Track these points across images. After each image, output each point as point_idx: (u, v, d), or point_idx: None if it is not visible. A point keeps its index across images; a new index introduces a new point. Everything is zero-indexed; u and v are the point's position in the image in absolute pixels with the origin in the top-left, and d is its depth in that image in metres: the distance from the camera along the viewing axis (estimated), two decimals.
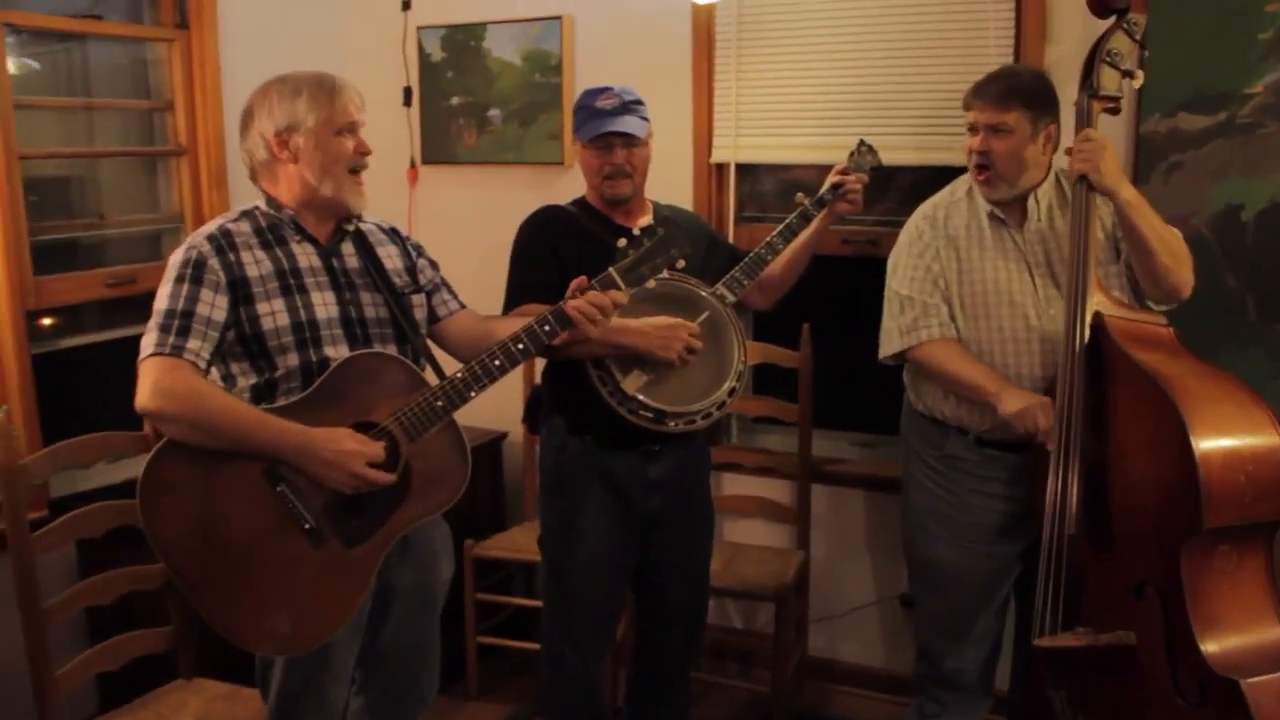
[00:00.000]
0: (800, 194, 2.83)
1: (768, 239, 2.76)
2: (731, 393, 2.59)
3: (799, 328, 3.43)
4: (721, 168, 3.63)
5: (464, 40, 3.90)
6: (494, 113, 3.90)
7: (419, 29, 3.96)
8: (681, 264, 2.34)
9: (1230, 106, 2.88)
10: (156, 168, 3.60)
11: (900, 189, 3.44)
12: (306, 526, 2.08)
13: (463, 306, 2.48)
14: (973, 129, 2.60)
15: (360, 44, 4.06)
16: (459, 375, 2.19)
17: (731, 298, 2.69)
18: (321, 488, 2.08)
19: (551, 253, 2.66)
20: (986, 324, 2.61)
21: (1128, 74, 2.44)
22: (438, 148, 4.02)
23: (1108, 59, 2.43)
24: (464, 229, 3.93)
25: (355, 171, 2.24)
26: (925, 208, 2.76)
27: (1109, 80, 2.44)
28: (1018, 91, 2.54)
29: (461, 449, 2.23)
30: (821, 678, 3.71)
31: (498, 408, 2.94)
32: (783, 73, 3.47)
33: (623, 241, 2.31)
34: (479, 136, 3.94)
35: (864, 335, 2.86)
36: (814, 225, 2.81)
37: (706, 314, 2.60)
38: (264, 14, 3.68)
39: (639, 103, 2.70)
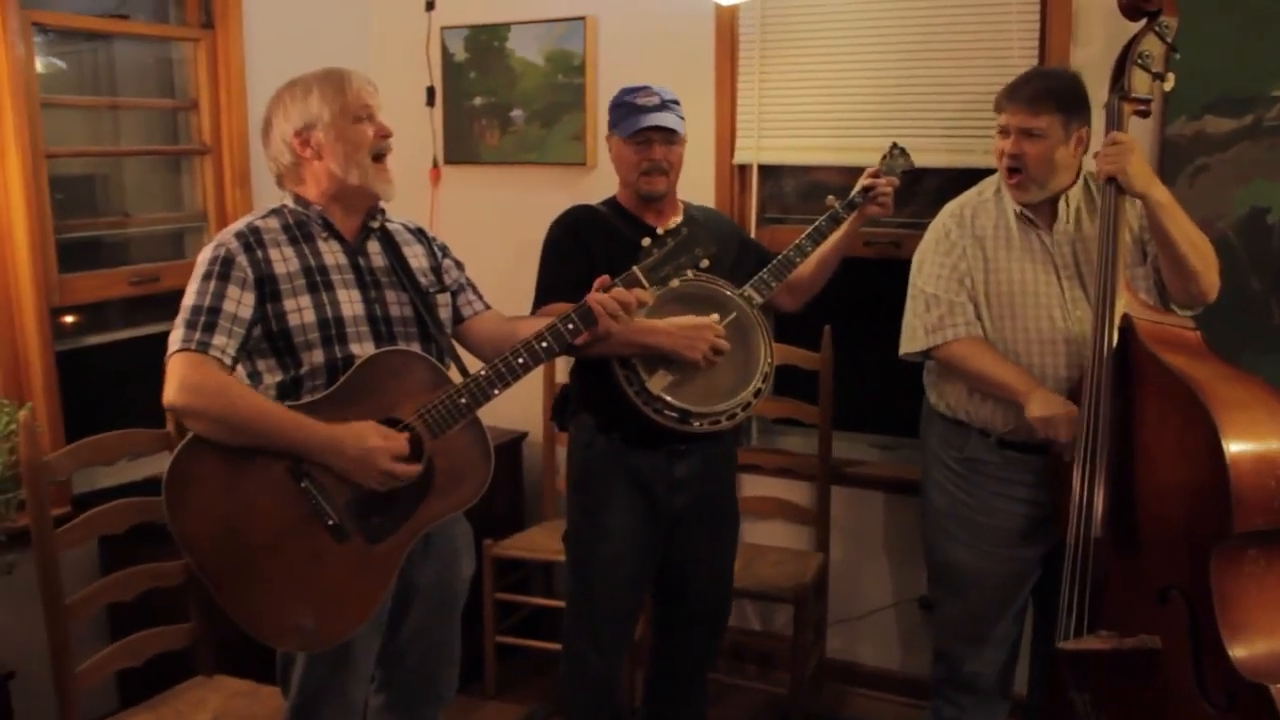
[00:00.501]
0: (830, 196, 2.82)
1: (796, 241, 2.76)
2: (757, 394, 2.59)
3: (820, 329, 3.42)
4: (744, 169, 3.63)
5: (487, 41, 3.90)
6: (517, 113, 3.90)
7: (443, 29, 3.97)
8: (706, 263, 2.34)
9: (1256, 109, 2.86)
10: (180, 166, 3.63)
11: (923, 191, 3.43)
12: (330, 523, 2.09)
13: (488, 307, 2.49)
14: (1004, 132, 2.59)
15: (384, 44, 4.07)
16: (483, 373, 2.19)
17: (759, 299, 2.68)
18: (345, 484, 2.09)
19: (582, 252, 2.66)
20: (1012, 324, 2.60)
21: (1159, 76, 2.43)
22: (460, 148, 4.03)
23: (1140, 61, 2.42)
24: (486, 229, 3.93)
25: (380, 158, 2.24)
26: (952, 206, 2.75)
27: (1140, 83, 2.42)
28: (1051, 94, 2.53)
29: (485, 446, 2.24)
30: (840, 680, 3.70)
31: (518, 408, 2.94)
32: (805, 74, 3.46)
33: (647, 240, 2.32)
34: (501, 137, 3.95)
35: (885, 337, 2.85)
36: (844, 228, 2.80)
37: (734, 315, 2.60)
38: (288, 13, 3.69)
39: (676, 102, 2.71)
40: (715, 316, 2.55)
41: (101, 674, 2.51)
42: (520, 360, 2.21)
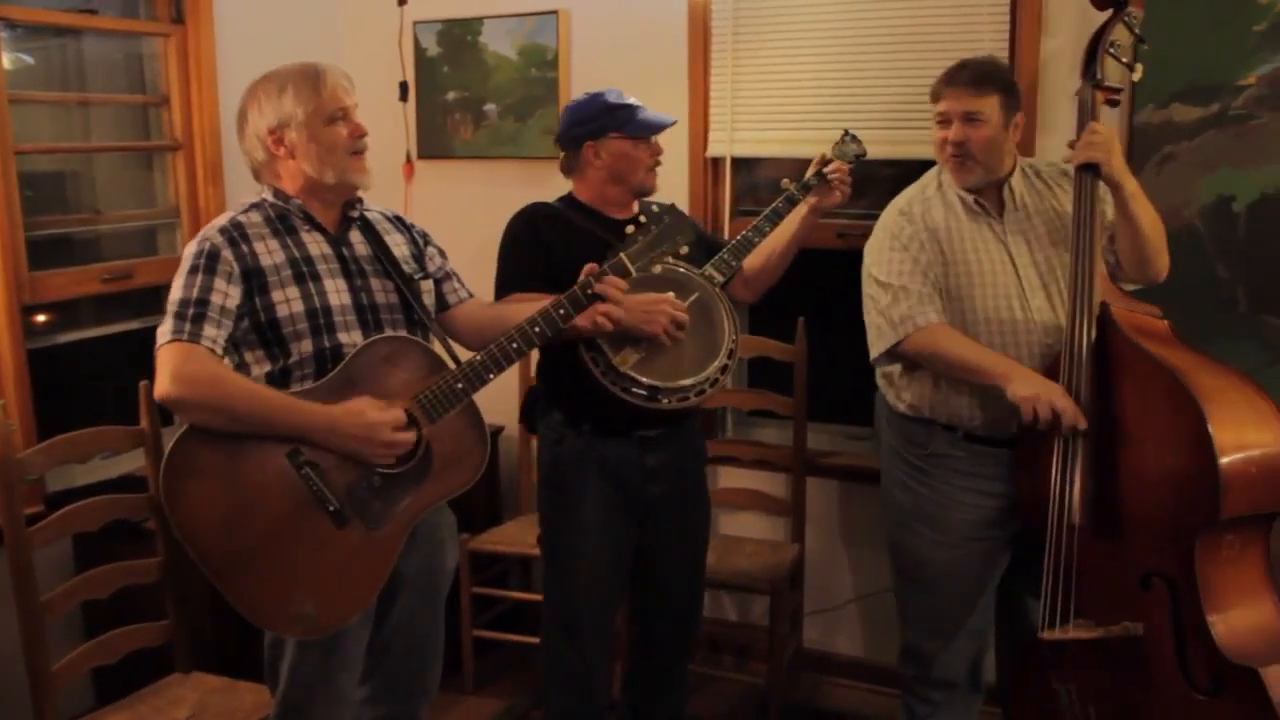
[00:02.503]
0: (786, 180, 2.84)
1: (754, 223, 2.78)
2: (724, 369, 2.60)
3: (794, 321, 3.44)
4: (717, 161, 3.63)
5: (460, 35, 3.90)
6: (490, 107, 3.90)
7: (415, 23, 3.96)
8: (685, 250, 2.38)
9: (1223, 98, 2.89)
10: (152, 162, 3.61)
11: (896, 182, 3.43)
12: (331, 509, 2.10)
13: (471, 295, 2.51)
14: (944, 120, 2.59)
15: (356, 38, 4.06)
16: (479, 358, 2.22)
17: (720, 278, 2.71)
18: (345, 470, 2.11)
19: (540, 247, 2.67)
20: (972, 317, 2.58)
21: (1129, 66, 2.45)
22: (434, 142, 4.03)
23: (1111, 50, 2.44)
24: (460, 223, 3.91)
25: (357, 152, 2.25)
26: (899, 203, 2.73)
27: (1111, 71, 2.44)
28: (991, 78, 2.55)
29: (481, 430, 2.27)
30: (816, 670, 3.72)
31: (493, 402, 2.93)
32: (779, 67, 3.47)
33: (631, 228, 2.36)
34: (475, 131, 3.94)
35: (859, 329, 2.85)
36: (799, 219, 2.81)
37: (696, 294, 2.62)
38: (260, 7, 3.68)
39: None
40: (671, 294, 2.56)
41: (77, 672, 2.50)
42: (514, 345, 2.24)
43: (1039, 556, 2.43)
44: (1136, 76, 2.51)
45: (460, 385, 2.20)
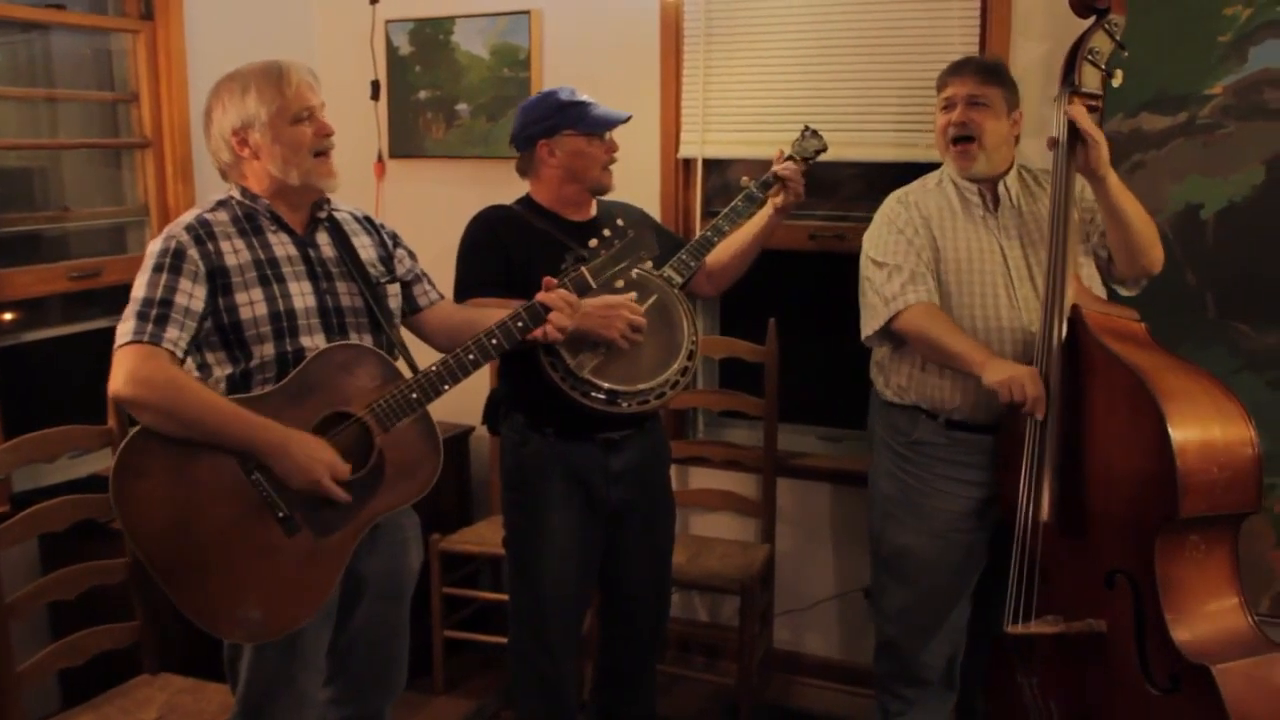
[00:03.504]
0: (745, 177, 2.85)
1: (713, 222, 2.79)
2: (684, 371, 2.60)
3: (765, 322, 3.45)
4: (689, 162, 3.64)
5: (432, 34, 3.89)
6: (462, 107, 3.89)
7: (387, 22, 3.94)
8: (649, 265, 2.37)
9: (1190, 107, 2.92)
10: (121, 160, 3.58)
11: (867, 185, 3.46)
12: (280, 515, 2.10)
13: (442, 297, 2.51)
14: (948, 105, 2.64)
15: (328, 37, 4.04)
16: (433, 368, 2.21)
17: (679, 279, 2.71)
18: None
19: (500, 250, 2.67)
20: (959, 307, 2.63)
21: (1108, 73, 2.48)
22: (405, 141, 4.01)
23: (1090, 58, 2.46)
24: (431, 223, 3.89)
25: (322, 153, 2.23)
26: (898, 193, 2.79)
27: (1090, 78, 2.47)
28: (996, 71, 2.65)
29: (434, 440, 2.26)
30: (786, 670, 3.74)
31: (464, 403, 2.93)
32: (750, 68, 3.48)
33: (594, 241, 2.35)
34: (447, 130, 3.93)
35: (830, 330, 2.89)
36: (762, 216, 2.82)
37: (655, 296, 2.62)
38: (230, 4, 3.65)
39: None
40: (632, 295, 2.56)
41: (43, 673, 2.48)
42: (471, 357, 2.24)
43: (1009, 553, 2.47)
44: (1116, 83, 2.53)
45: (415, 395, 2.20)
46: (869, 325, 2.72)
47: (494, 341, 2.26)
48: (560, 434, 2.67)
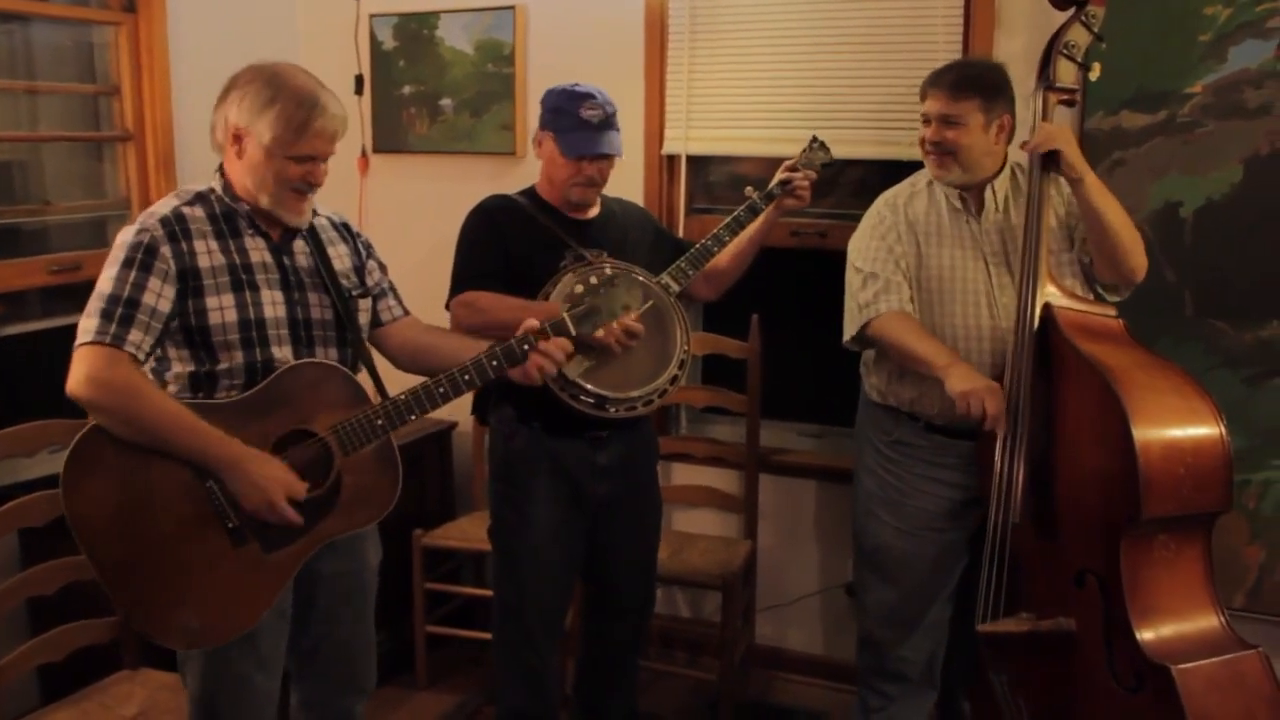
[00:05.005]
0: (749, 188, 2.85)
1: (714, 231, 2.79)
2: (673, 380, 2.61)
3: (748, 318, 3.45)
4: (673, 159, 3.64)
5: (416, 29, 3.88)
6: (446, 102, 3.88)
7: (371, 16, 3.93)
8: (633, 316, 2.35)
9: (1170, 105, 2.94)
10: (102, 153, 3.56)
11: (850, 182, 3.47)
12: (230, 525, 2.07)
13: (406, 313, 2.46)
14: (926, 119, 2.64)
15: (312, 31, 4.02)
16: (403, 397, 2.19)
17: (676, 287, 2.71)
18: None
19: (499, 242, 2.66)
20: (940, 312, 2.63)
21: (1084, 66, 2.48)
22: (389, 137, 4.00)
23: (1065, 51, 2.47)
24: (415, 218, 3.91)
25: (299, 191, 2.17)
26: (887, 195, 2.79)
27: (1065, 72, 2.47)
28: (971, 82, 2.58)
29: (394, 469, 2.23)
30: (768, 666, 3.75)
31: None
32: (735, 65, 3.49)
33: (580, 287, 2.31)
34: (430, 126, 3.93)
35: (813, 327, 2.89)
36: (761, 220, 2.84)
37: (651, 303, 2.62)
38: None
39: (616, 112, 2.69)
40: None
41: (22, 669, 2.47)
42: (442, 390, 2.21)
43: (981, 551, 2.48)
44: (1094, 76, 2.55)
45: (380, 421, 2.17)
46: (846, 330, 2.74)
47: (466, 378, 2.22)
48: (548, 429, 2.67)
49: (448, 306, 2.68)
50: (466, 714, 3.52)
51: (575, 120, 2.62)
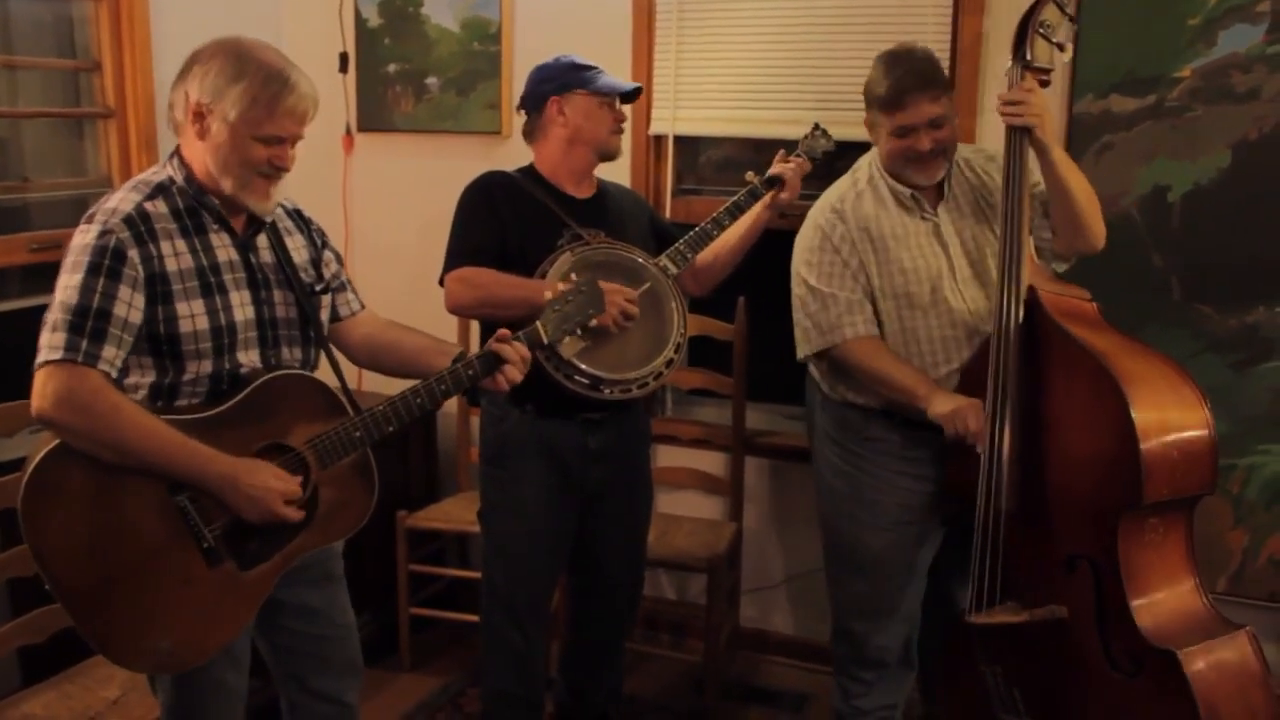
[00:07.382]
0: (750, 173, 2.84)
1: (714, 215, 2.78)
2: (669, 364, 2.60)
3: (734, 301, 3.44)
4: (660, 139, 3.62)
5: (402, 6, 3.84)
6: (432, 80, 3.85)
7: None
8: (594, 323, 2.33)
9: (1159, 89, 2.93)
10: (83, 130, 3.52)
11: (842, 167, 3.44)
12: (205, 545, 1.99)
13: (363, 307, 2.39)
14: (900, 132, 2.54)
15: (296, 8, 3.98)
16: (381, 409, 2.12)
17: (674, 269, 2.70)
18: (224, 507, 2.00)
19: (496, 218, 2.64)
20: (910, 313, 2.58)
21: (1059, 46, 2.46)
22: (374, 115, 3.97)
23: (1041, 30, 2.44)
24: (400, 198, 3.88)
25: (266, 176, 2.05)
26: (830, 198, 2.70)
27: (1041, 51, 2.44)
28: (933, 77, 2.54)
29: (370, 481, 2.18)
30: (753, 648, 3.75)
31: None
32: (722, 45, 3.47)
33: (549, 294, 2.28)
34: (416, 104, 3.89)
35: None
36: (755, 213, 2.82)
37: (648, 284, 2.61)
38: None
39: None
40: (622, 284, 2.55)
41: (3, 651, 2.46)
42: (419, 401, 2.14)
43: (967, 541, 2.46)
44: (1066, 57, 2.52)
45: (358, 434, 2.10)
46: (803, 348, 2.69)
47: (442, 388, 2.15)
48: (540, 412, 2.66)
49: (441, 282, 2.65)
50: (451, 696, 3.51)
51: (594, 70, 2.70)
